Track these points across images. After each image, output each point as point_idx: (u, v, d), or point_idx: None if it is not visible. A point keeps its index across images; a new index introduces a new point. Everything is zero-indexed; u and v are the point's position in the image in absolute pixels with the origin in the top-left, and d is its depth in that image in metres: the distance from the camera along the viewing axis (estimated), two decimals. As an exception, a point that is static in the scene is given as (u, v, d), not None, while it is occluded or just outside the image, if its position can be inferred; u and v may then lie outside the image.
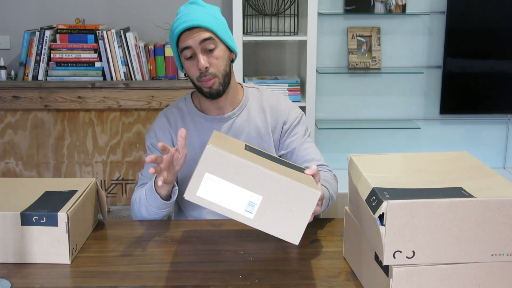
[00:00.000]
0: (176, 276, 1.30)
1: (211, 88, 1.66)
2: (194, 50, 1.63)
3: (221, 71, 1.66)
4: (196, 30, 1.62)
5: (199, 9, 1.65)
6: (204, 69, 1.63)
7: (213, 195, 1.19)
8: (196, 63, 1.64)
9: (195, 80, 1.68)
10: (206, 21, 1.63)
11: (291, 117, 1.78)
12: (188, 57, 1.65)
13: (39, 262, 1.35)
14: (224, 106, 1.75)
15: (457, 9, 3.13)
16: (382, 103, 3.32)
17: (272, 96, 1.82)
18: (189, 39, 1.62)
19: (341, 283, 1.27)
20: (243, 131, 1.75)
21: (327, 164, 1.77)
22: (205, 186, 1.18)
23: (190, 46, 1.63)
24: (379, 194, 1.08)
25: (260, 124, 1.76)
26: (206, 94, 1.68)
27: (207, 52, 1.64)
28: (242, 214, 1.20)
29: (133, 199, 1.70)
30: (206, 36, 1.63)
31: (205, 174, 1.18)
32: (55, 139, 3.00)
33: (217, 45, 1.65)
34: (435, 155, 1.36)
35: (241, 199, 1.19)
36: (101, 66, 2.98)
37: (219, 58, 1.65)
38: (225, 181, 1.19)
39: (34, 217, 1.32)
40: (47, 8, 3.19)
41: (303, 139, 1.77)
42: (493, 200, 1.06)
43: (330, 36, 3.23)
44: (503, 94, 3.26)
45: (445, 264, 1.08)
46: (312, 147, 1.77)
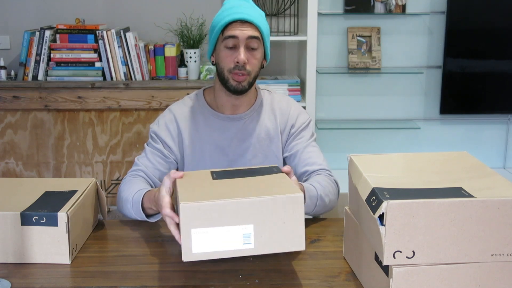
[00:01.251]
0: (176, 276, 1.30)
1: (240, 84, 1.67)
2: (239, 42, 1.64)
3: (254, 72, 1.69)
4: (248, 25, 1.64)
5: (252, 7, 1.68)
6: (242, 63, 1.64)
7: (208, 245, 1.19)
8: (235, 55, 1.64)
9: (225, 71, 1.68)
10: (260, 22, 1.66)
11: (299, 121, 1.80)
12: (229, 46, 1.66)
13: (39, 262, 1.35)
14: (241, 105, 1.76)
15: (457, 9, 3.13)
16: (382, 103, 3.32)
17: (283, 99, 1.84)
18: (238, 30, 1.63)
19: (341, 283, 1.27)
20: (253, 132, 1.76)
21: (328, 168, 1.76)
22: (197, 242, 1.18)
23: (236, 37, 1.64)
24: (379, 194, 1.08)
25: (270, 126, 1.78)
26: (231, 87, 1.68)
27: (249, 49, 1.66)
28: (243, 249, 1.20)
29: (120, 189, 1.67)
30: (255, 34, 1.65)
31: (191, 231, 1.18)
32: (55, 139, 3.00)
33: (260, 47, 1.68)
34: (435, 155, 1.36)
35: (235, 236, 1.19)
36: (101, 66, 2.98)
37: (257, 59, 1.68)
38: (213, 228, 1.18)
39: (34, 217, 1.32)
40: (47, 8, 3.19)
41: (307, 143, 1.78)
42: (493, 200, 1.06)
43: (330, 36, 3.23)
44: (503, 94, 3.26)
45: (445, 264, 1.08)
46: (315, 151, 1.78)
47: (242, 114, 1.76)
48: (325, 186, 1.66)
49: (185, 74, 3.03)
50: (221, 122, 1.76)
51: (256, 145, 1.76)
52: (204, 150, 1.75)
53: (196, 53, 3.05)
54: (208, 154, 1.75)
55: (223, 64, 1.68)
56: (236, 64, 1.65)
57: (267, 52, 1.73)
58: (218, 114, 1.76)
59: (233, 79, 1.67)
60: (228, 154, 1.75)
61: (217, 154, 1.74)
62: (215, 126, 1.76)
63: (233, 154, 1.75)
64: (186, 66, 3.04)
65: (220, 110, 1.77)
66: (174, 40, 3.15)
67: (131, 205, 1.58)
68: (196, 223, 1.18)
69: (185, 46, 3.07)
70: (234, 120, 1.76)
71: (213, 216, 1.18)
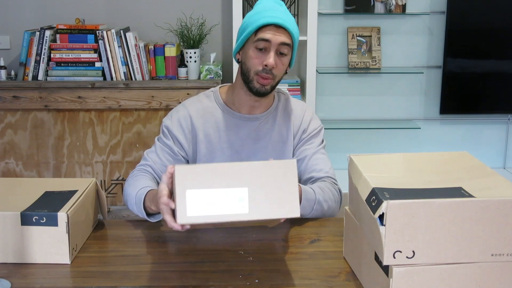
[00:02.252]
0: (176, 276, 1.30)
1: (264, 87, 1.68)
2: (270, 46, 1.65)
3: (279, 76, 1.70)
4: (282, 31, 1.64)
5: (286, 13, 1.68)
6: (271, 66, 1.65)
7: (203, 208, 1.19)
8: (264, 58, 1.65)
9: (251, 72, 1.67)
10: (294, 30, 1.67)
11: (311, 127, 1.81)
12: (259, 48, 1.66)
13: (39, 262, 1.35)
14: (259, 106, 1.77)
15: (457, 9, 3.13)
16: (382, 103, 3.32)
17: (298, 104, 1.85)
18: (272, 34, 1.64)
19: (341, 283, 1.27)
20: (267, 134, 1.77)
21: (334, 177, 1.76)
22: (191, 204, 1.18)
23: (269, 40, 1.64)
24: (379, 194, 1.08)
25: (284, 129, 1.79)
26: (254, 89, 1.69)
27: (278, 54, 1.67)
28: (237, 213, 1.20)
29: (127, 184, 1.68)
30: (287, 41, 1.65)
31: (186, 192, 1.18)
32: (55, 139, 3.00)
33: (289, 53, 1.69)
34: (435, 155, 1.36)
35: (229, 199, 1.20)
36: (101, 66, 2.98)
37: (284, 64, 1.69)
38: (207, 189, 1.19)
39: (34, 217, 1.32)
40: (47, 8, 3.19)
41: (316, 149, 1.79)
42: (493, 200, 1.06)
43: (330, 36, 3.23)
44: (503, 94, 3.26)
45: (445, 264, 1.08)
46: (323, 159, 1.78)
47: (258, 115, 1.77)
48: (326, 192, 1.66)
49: (185, 74, 3.03)
50: (236, 121, 1.76)
51: (269, 147, 1.76)
52: (217, 148, 1.75)
53: (196, 53, 3.05)
54: (221, 152, 1.75)
55: (250, 64, 1.68)
56: (264, 67, 1.65)
57: (293, 59, 1.74)
58: (234, 112, 1.77)
59: (257, 81, 1.67)
60: (241, 153, 1.75)
61: (230, 153, 1.75)
62: (230, 125, 1.76)
63: (246, 154, 1.75)
64: (186, 66, 3.04)
65: (236, 109, 1.77)
66: (174, 40, 3.15)
67: (134, 202, 1.59)
68: (191, 184, 1.17)
69: (185, 46, 3.07)
70: (250, 120, 1.76)
71: (206, 177, 1.18)
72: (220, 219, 1.20)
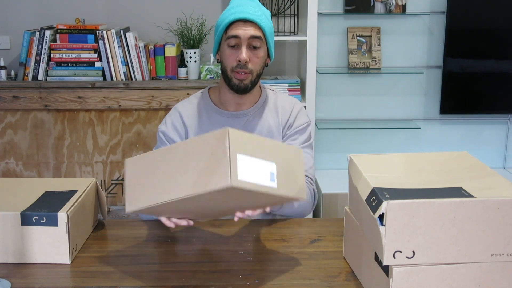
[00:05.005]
0: (176, 276, 1.30)
1: (242, 82, 1.70)
2: (241, 41, 1.67)
3: (257, 70, 1.71)
4: (250, 24, 1.67)
5: (256, 7, 1.70)
6: (244, 62, 1.67)
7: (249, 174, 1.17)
8: (238, 54, 1.67)
9: (228, 70, 1.71)
10: (262, 21, 1.68)
11: (297, 123, 1.81)
12: (231, 45, 1.68)
13: (39, 262, 1.35)
14: (244, 103, 1.78)
15: (457, 9, 3.13)
16: (382, 103, 3.32)
17: (287, 99, 1.86)
18: (240, 29, 1.66)
19: (341, 283, 1.27)
20: (256, 129, 1.78)
21: (312, 177, 1.77)
22: (241, 168, 1.15)
23: (238, 36, 1.66)
24: (379, 194, 1.08)
25: (272, 123, 1.80)
26: (234, 86, 1.71)
27: (251, 48, 1.68)
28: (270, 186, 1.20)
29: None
30: (256, 34, 1.67)
31: (237, 156, 1.15)
32: (55, 139, 3.00)
33: (262, 46, 1.70)
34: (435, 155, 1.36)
35: (264, 171, 1.20)
36: (101, 66, 2.98)
37: (260, 58, 1.71)
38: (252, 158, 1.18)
39: (34, 217, 1.32)
40: (47, 8, 3.19)
41: (300, 146, 1.78)
42: (493, 200, 1.06)
43: (330, 36, 3.23)
44: (503, 94, 3.26)
45: (445, 264, 1.08)
46: (305, 157, 1.78)
47: (246, 111, 1.79)
48: None
49: (185, 74, 3.03)
50: (224, 119, 1.77)
51: None
52: None
53: (196, 53, 3.05)
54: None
55: (226, 62, 1.71)
56: (238, 62, 1.68)
57: (271, 51, 1.75)
58: (222, 111, 1.79)
59: (235, 77, 1.70)
60: None
61: None
62: (219, 123, 1.77)
63: None
64: (186, 66, 3.04)
65: (224, 107, 1.79)
66: (174, 40, 3.15)
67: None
68: (241, 150, 1.16)
69: (185, 46, 3.07)
70: (238, 117, 1.78)
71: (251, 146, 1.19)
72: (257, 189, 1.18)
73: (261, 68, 1.73)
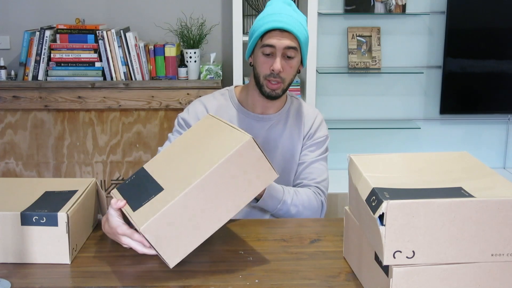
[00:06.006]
0: (176, 276, 1.30)
1: (274, 91, 1.70)
2: (275, 51, 1.66)
3: (289, 79, 1.72)
4: (286, 34, 1.66)
5: (294, 15, 1.68)
6: (277, 71, 1.66)
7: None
8: (271, 62, 1.67)
9: (261, 77, 1.71)
10: (299, 31, 1.67)
11: (317, 135, 1.83)
12: (266, 53, 1.68)
13: (39, 262, 1.35)
14: (271, 106, 1.79)
15: (457, 9, 3.13)
16: (382, 103, 3.32)
17: (310, 109, 1.87)
18: (276, 39, 1.65)
19: (341, 283, 1.27)
20: (278, 135, 1.79)
21: (323, 189, 1.78)
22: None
23: (274, 46, 1.66)
24: (379, 194, 1.08)
25: (295, 131, 1.81)
26: (265, 93, 1.72)
27: (285, 58, 1.68)
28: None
29: None
30: (292, 45, 1.66)
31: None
32: (55, 139, 3.00)
33: (297, 55, 1.70)
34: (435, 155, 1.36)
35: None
36: (101, 66, 2.98)
37: (293, 67, 1.70)
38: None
39: (34, 217, 1.32)
40: (47, 8, 3.19)
41: (316, 158, 1.80)
42: (493, 200, 1.06)
43: (330, 36, 3.23)
44: (503, 94, 3.26)
45: (445, 264, 1.08)
46: (320, 169, 1.79)
47: (271, 115, 1.79)
48: (300, 197, 1.67)
49: (185, 74, 3.03)
50: (249, 120, 1.78)
51: (279, 147, 1.77)
52: None
53: (196, 53, 3.05)
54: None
55: (259, 69, 1.71)
56: (271, 71, 1.67)
57: (304, 58, 1.75)
58: (248, 112, 1.79)
59: (267, 86, 1.70)
60: None
61: None
62: (243, 123, 1.77)
63: None
64: (186, 66, 3.04)
65: (250, 109, 1.79)
66: (174, 40, 3.15)
67: None
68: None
69: (185, 46, 3.07)
70: (263, 120, 1.78)
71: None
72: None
73: (293, 76, 1.73)
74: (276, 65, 1.65)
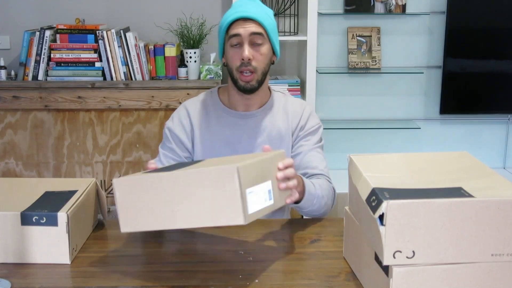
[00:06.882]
0: (176, 276, 1.30)
1: (248, 83, 1.70)
2: (242, 40, 1.67)
3: (262, 68, 1.71)
4: (250, 22, 1.67)
5: (256, 6, 1.71)
6: (247, 59, 1.66)
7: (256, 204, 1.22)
8: (241, 52, 1.67)
9: (234, 70, 1.71)
10: (262, 17, 1.68)
11: (309, 125, 1.81)
12: (234, 45, 1.69)
13: (39, 262, 1.35)
14: (253, 103, 1.78)
15: (457, 9, 3.13)
16: (382, 103, 3.32)
17: (297, 102, 1.86)
18: (241, 28, 1.66)
19: (341, 283, 1.27)
20: (265, 131, 1.78)
21: (328, 175, 1.76)
22: (251, 202, 1.20)
23: (239, 34, 1.67)
24: (379, 194, 1.08)
25: (282, 126, 1.79)
26: (241, 87, 1.71)
27: (254, 45, 1.68)
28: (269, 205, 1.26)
29: None
30: (257, 30, 1.67)
31: (246, 191, 1.19)
32: (55, 139, 3.00)
33: (265, 42, 1.70)
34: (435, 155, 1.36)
35: (264, 192, 1.25)
36: (101, 66, 2.98)
37: (263, 54, 1.70)
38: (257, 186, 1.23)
39: (34, 217, 1.32)
40: (47, 8, 3.19)
41: (313, 147, 1.79)
42: (493, 200, 1.06)
43: (330, 36, 3.23)
44: (503, 94, 3.26)
45: (445, 264, 1.08)
46: (318, 157, 1.78)
47: (254, 111, 1.78)
48: (324, 189, 1.65)
49: (185, 74, 3.03)
50: (232, 119, 1.77)
51: (266, 143, 1.76)
52: (215, 146, 1.76)
53: (196, 53, 3.05)
54: (218, 150, 1.76)
55: (231, 63, 1.71)
56: (241, 61, 1.67)
57: (276, 48, 1.74)
58: (230, 111, 1.79)
59: (241, 79, 1.70)
60: (238, 150, 1.76)
61: (227, 150, 1.75)
62: (227, 123, 1.77)
63: (243, 151, 1.76)
64: (186, 66, 3.04)
65: (232, 108, 1.80)
66: (174, 40, 3.15)
67: None
68: (248, 183, 1.19)
69: (185, 46, 3.07)
70: (246, 118, 1.78)
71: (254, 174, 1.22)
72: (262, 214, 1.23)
73: (266, 65, 1.72)
74: (245, 53, 1.66)
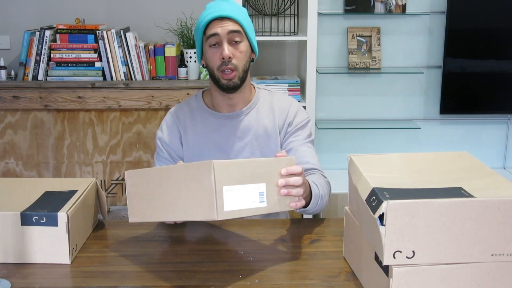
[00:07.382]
0: (176, 276, 1.30)
1: (230, 81, 1.69)
2: (221, 39, 1.67)
3: (242, 65, 1.70)
4: (227, 21, 1.67)
5: (231, 4, 1.71)
6: (227, 58, 1.66)
7: (236, 203, 1.24)
8: (220, 52, 1.67)
9: (215, 70, 1.70)
10: (238, 15, 1.68)
11: (297, 120, 1.80)
12: (212, 44, 1.68)
13: (39, 262, 1.35)
14: (236, 103, 1.77)
15: (457, 9, 3.13)
16: (382, 103, 3.32)
17: (283, 98, 1.85)
18: (218, 27, 1.66)
19: (341, 283, 1.27)
20: (251, 129, 1.77)
21: (321, 169, 1.75)
22: (228, 199, 1.22)
23: (217, 34, 1.66)
24: (379, 194, 1.08)
25: (268, 124, 1.78)
26: (223, 85, 1.70)
27: (232, 43, 1.68)
28: (259, 207, 1.27)
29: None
30: (235, 28, 1.67)
31: (223, 188, 1.21)
32: (55, 139, 3.00)
33: (243, 39, 1.70)
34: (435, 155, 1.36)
35: (252, 194, 1.26)
36: (101, 66, 2.98)
37: (242, 52, 1.70)
38: (238, 186, 1.24)
39: (34, 217, 1.32)
40: (47, 8, 3.19)
41: (303, 142, 1.78)
42: (493, 200, 1.06)
43: (330, 36, 3.23)
44: (503, 94, 3.26)
45: (445, 264, 1.08)
46: (309, 151, 1.77)
47: (238, 111, 1.78)
48: (323, 187, 1.65)
49: (185, 74, 3.03)
50: (217, 121, 1.77)
51: (254, 142, 1.76)
52: (203, 150, 1.76)
53: (196, 53, 3.05)
54: (207, 153, 1.75)
55: (211, 63, 1.71)
56: (222, 60, 1.67)
57: (254, 45, 1.75)
58: (215, 113, 1.78)
59: (222, 78, 1.69)
60: (226, 151, 1.76)
61: (216, 153, 1.75)
62: (212, 125, 1.77)
63: (231, 152, 1.76)
64: (186, 66, 3.04)
65: (217, 110, 1.79)
66: (174, 40, 3.15)
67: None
68: (226, 181, 1.22)
69: (185, 46, 3.07)
70: (231, 118, 1.77)
71: (236, 173, 1.24)
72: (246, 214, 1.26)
73: (246, 63, 1.71)
74: (225, 51, 1.66)
